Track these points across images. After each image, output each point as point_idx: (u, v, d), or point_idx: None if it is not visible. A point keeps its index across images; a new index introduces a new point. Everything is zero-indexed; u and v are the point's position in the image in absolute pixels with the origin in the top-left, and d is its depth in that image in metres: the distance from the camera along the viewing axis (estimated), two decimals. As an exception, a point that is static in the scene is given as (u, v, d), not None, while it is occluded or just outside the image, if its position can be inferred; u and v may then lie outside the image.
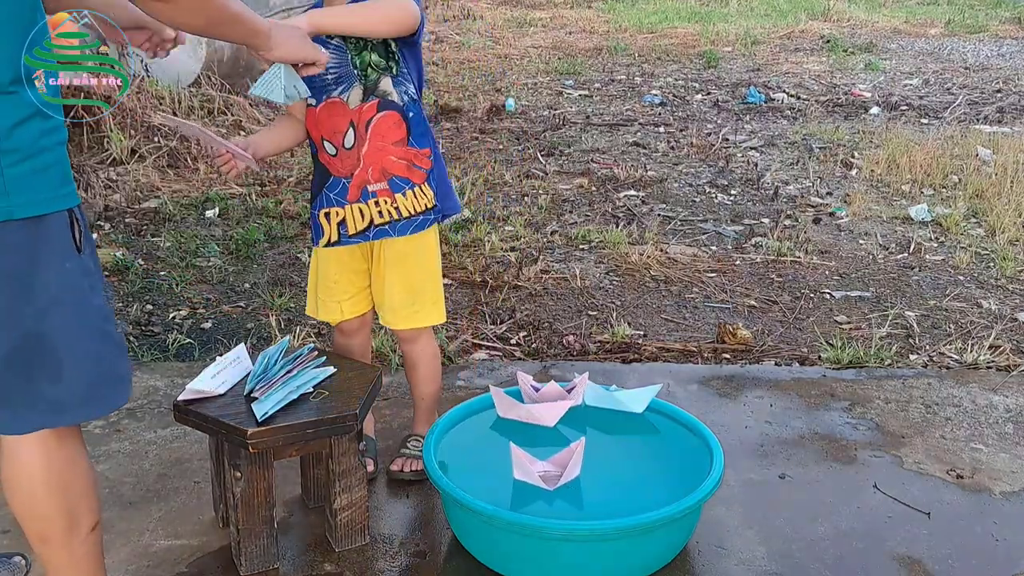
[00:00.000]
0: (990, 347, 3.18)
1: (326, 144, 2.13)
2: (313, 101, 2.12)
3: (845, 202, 4.85)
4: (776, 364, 3.09)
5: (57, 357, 1.44)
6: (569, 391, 2.32)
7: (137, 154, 4.95)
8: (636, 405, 2.29)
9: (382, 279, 2.24)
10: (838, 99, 7.39)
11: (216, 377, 2.04)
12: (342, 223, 2.17)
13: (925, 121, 6.71)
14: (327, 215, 2.18)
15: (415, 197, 2.16)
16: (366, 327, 2.37)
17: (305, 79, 1.96)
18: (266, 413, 1.90)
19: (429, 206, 2.19)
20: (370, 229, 2.17)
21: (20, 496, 1.55)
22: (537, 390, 2.32)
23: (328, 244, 2.20)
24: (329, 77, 2.08)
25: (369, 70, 2.09)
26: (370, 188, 2.14)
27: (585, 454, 2.16)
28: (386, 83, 2.10)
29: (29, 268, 1.39)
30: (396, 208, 2.15)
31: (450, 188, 2.29)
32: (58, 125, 1.39)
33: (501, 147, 5.87)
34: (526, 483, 2.02)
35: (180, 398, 1.99)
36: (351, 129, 2.11)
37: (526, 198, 4.81)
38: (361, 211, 2.15)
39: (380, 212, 2.16)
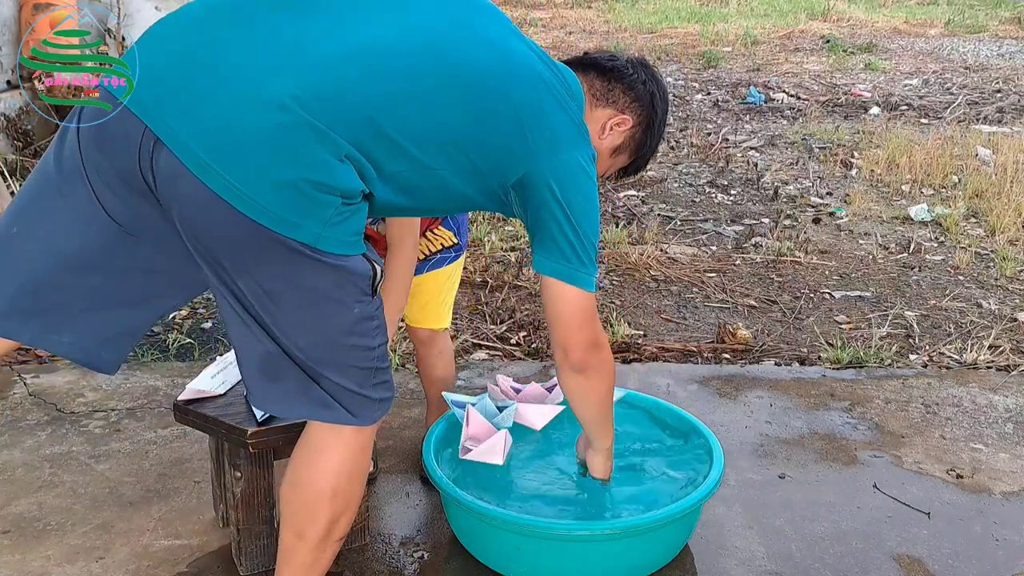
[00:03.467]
0: (990, 347, 3.18)
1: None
2: None
3: (845, 202, 4.85)
4: (776, 364, 3.09)
5: None
6: (549, 390, 2.31)
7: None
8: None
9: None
10: (838, 99, 7.39)
11: (216, 377, 2.04)
12: None
13: (925, 121, 6.71)
14: None
15: (428, 241, 2.22)
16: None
17: None
18: (266, 413, 1.90)
19: (447, 244, 2.23)
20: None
21: (303, 486, 1.59)
22: (518, 391, 2.29)
23: None
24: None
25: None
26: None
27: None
28: None
29: None
30: None
31: (466, 222, 2.32)
32: None
33: (501, 147, 5.86)
34: (528, 483, 2.03)
35: (180, 398, 1.99)
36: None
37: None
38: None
39: None
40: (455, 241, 2.25)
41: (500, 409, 2.19)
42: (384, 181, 1.48)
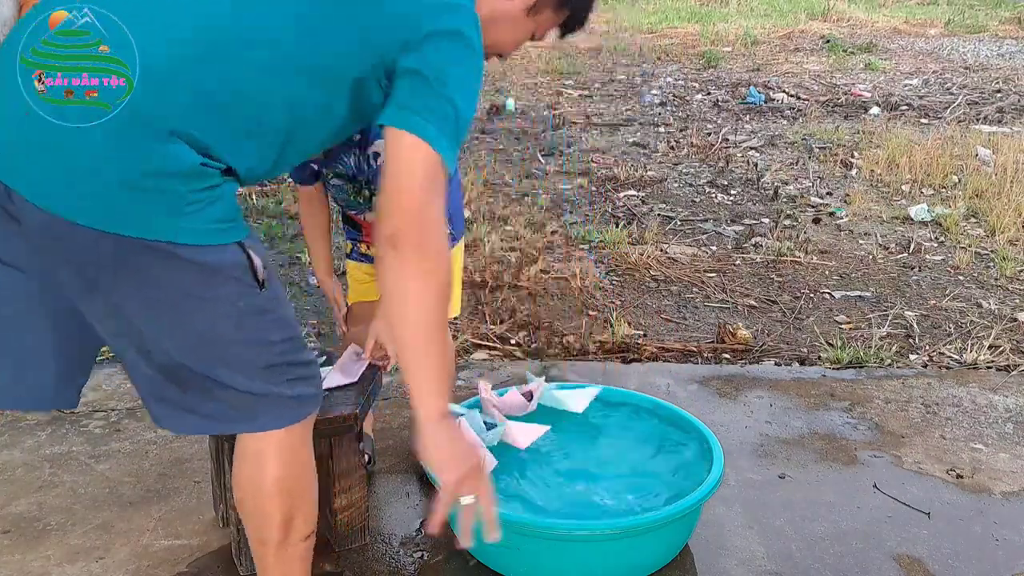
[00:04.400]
0: (990, 347, 3.18)
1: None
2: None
3: (845, 202, 4.85)
4: (776, 364, 3.09)
5: None
6: (528, 396, 2.26)
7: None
8: (576, 404, 2.27)
9: None
10: (838, 99, 7.39)
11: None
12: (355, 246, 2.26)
13: (925, 121, 6.71)
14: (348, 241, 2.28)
15: None
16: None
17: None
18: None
19: None
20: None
21: (249, 493, 1.56)
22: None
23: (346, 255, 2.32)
24: (340, 201, 2.16)
25: (375, 199, 2.12)
26: None
27: (586, 454, 2.16)
28: None
29: None
30: None
31: (460, 208, 2.30)
32: None
33: (501, 147, 5.87)
34: (528, 483, 2.03)
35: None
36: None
37: (526, 198, 4.81)
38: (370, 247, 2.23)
39: None
40: (448, 231, 2.22)
41: (488, 427, 2.17)
42: (237, 150, 1.36)
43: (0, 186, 1.31)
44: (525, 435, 2.15)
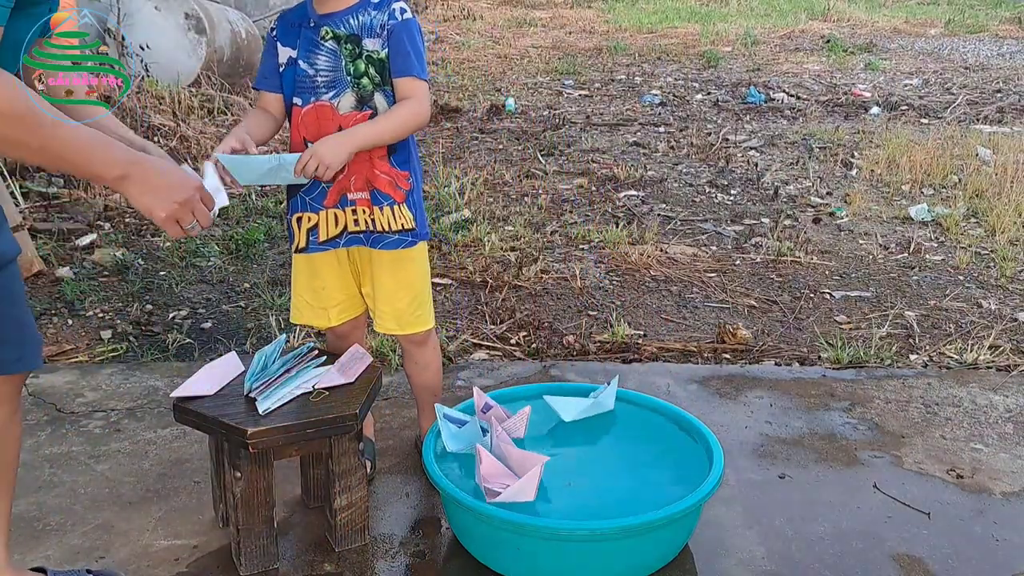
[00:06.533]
0: (990, 347, 3.18)
1: (309, 146, 2.02)
2: (299, 101, 2.08)
3: (845, 202, 4.85)
4: (776, 364, 3.09)
5: None
6: (518, 427, 2.21)
7: (137, 154, 4.94)
8: (609, 402, 2.31)
9: (383, 287, 2.20)
10: (838, 99, 7.39)
11: (204, 382, 2.04)
12: (313, 229, 2.12)
13: (925, 121, 6.71)
14: (299, 220, 2.13)
15: (392, 215, 2.12)
16: (359, 329, 2.36)
17: (296, 79, 2.05)
18: (268, 409, 1.91)
19: (407, 227, 2.13)
20: (342, 236, 2.13)
21: None
22: (487, 409, 2.22)
23: (297, 250, 2.16)
24: (320, 80, 2.06)
25: (364, 80, 2.05)
26: (350, 196, 2.10)
27: (586, 454, 2.16)
28: (380, 98, 2.07)
29: None
30: (372, 220, 2.12)
31: (424, 213, 2.22)
32: None
33: (501, 147, 5.87)
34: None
35: (174, 394, 1.99)
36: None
37: (526, 198, 4.81)
38: (336, 217, 2.11)
39: (356, 220, 2.12)
40: (413, 226, 2.15)
41: (484, 431, 2.15)
42: None
43: None
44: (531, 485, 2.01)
